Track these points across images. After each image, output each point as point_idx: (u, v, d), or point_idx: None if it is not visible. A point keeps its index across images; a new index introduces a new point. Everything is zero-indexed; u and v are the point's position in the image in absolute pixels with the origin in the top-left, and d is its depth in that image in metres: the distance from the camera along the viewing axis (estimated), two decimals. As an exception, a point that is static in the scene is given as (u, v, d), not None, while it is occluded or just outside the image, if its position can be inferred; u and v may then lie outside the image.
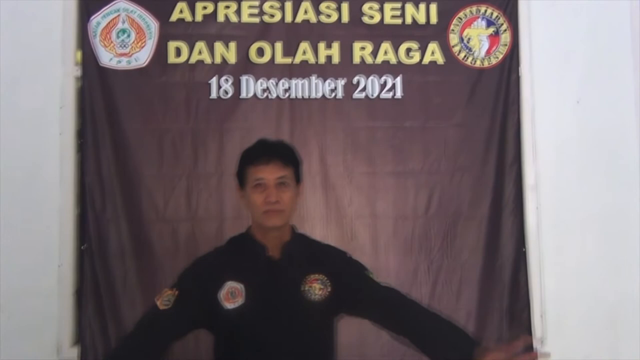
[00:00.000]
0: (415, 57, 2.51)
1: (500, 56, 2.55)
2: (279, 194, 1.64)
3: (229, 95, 2.42)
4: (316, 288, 1.67)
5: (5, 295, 2.31)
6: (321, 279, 1.68)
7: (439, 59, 2.51)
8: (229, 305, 1.60)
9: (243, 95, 2.42)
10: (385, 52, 2.50)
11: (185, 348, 2.24)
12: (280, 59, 2.46)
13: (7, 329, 2.30)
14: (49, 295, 2.32)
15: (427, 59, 2.51)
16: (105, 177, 2.34)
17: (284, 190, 1.65)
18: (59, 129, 2.37)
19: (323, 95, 2.45)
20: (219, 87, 2.43)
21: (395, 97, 2.48)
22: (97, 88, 2.38)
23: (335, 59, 2.48)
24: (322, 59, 2.47)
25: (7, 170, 2.34)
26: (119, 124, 2.37)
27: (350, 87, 2.47)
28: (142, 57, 2.42)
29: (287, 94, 2.44)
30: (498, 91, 2.51)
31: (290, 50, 2.47)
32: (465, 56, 2.53)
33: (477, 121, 2.48)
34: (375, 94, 2.47)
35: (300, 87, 2.46)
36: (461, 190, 2.45)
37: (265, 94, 2.43)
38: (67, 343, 2.33)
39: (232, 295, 1.62)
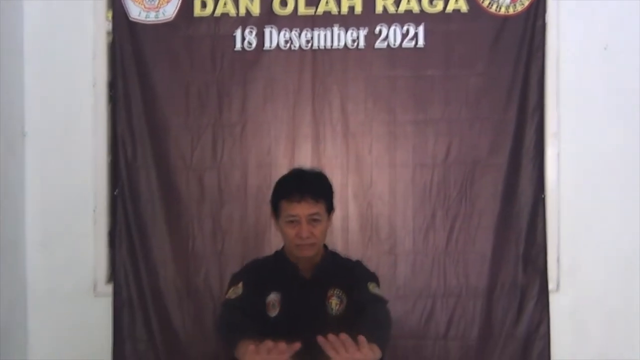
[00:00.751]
0: (439, 6, 2.48)
1: (527, 3, 2.50)
2: (310, 230, 1.77)
3: (253, 46, 2.47)
4: (333, 303, 1.82)
5: (46, 237, 2.49)
6: (337, 294, 1.82)
7: (463, 7, 2.49)
8: (271, 314, 1.78)
9: (266, 46, 2.46)
10: (408, 1, 2.48)
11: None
12: (303, 9, 2.48)
13: (48, 268, 2.49)
14: (85, 236, 2.49)
15: (451, 7, 2.48)
16: (135, 126, 2.45)
17: (315, 226, 1.79)
18: (92, 81, 2.48)
19: (345, 45, 2.47)
20: (243, 39, 2.48)
21: (418, 46, 2.47)
22: (127, 41, 2.46)
23: (358, 9, 2.48)
24: (344, 9, 2.48)
25: (44, 121, 2.48)
26: (148, 76, 2.45)
27: (372, 37, 2.48)
28: (169, 10, 2.48)
29: (309, 45, 2.47)
30: (522, 38, 2.47)
31: (312, 1, 2.48)
32: (489, 4, 2.49)
33: (500, 69, 2.46)
34: (397, 43, 2.47)
35: (322, 38, 2.48)
36: (481, 137, 2.46)
37: (288, 45, 2.47)
38: (102, 280, 2.50)
39: (272, 305, 1.81)
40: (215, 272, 2.45)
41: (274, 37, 2.48)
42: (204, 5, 2.49)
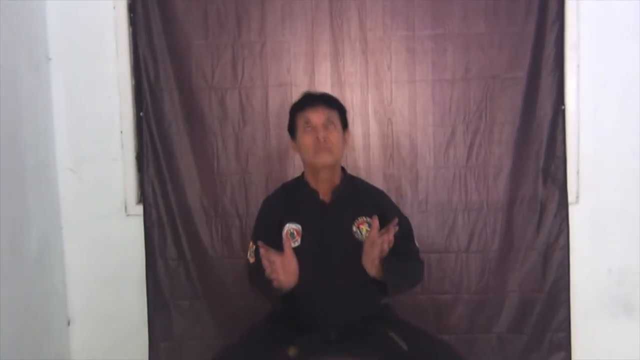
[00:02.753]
0: None
1: None
2: (326, 134, 1.83)
3: (270, -36, 2.46)
4: (364, 230, 1.85)
5: (76, 161, 2.56)
6: (369, 221, 1.83)
7: None
8: (292, 244, 1.77)
9: (284, -36, 2.45)
10: None
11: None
12: None
13: (79, 190, 2.56)
14: (114, 158, 2.55)
15: None
16: (156, 48, 2.47)
17: (331, 130, 1.85)
18: (112, 3, 2.50)
19: (362, -39, 2.45)
20: (261, -45, 2.46)
21: (435, -40, 2.45)
22: (145, -37, 2.47)
23: None
24: None
25: (67, 46, 2.51)
26: (166, -4, 2.47)
27: (389, -48, 2.45)
28: None
29: (326, -38, 2.45)
30: (542, -50, 2.44)
31: None
32: None
33: (519, -20, 2.44)
34: (415, -42, 2.45)
35: (340, -46, 2.45)
36: (500, 51, 2.45)
37: (306, -37, 2.45)
38: (133, 201, 2.57)
39: (291, 235, 1.84)
40: (241, 190, 2.51)
41: (292, -46, 2.45)
42: None
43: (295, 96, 2.44)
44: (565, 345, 2.53)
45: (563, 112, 2.47)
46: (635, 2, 2.46)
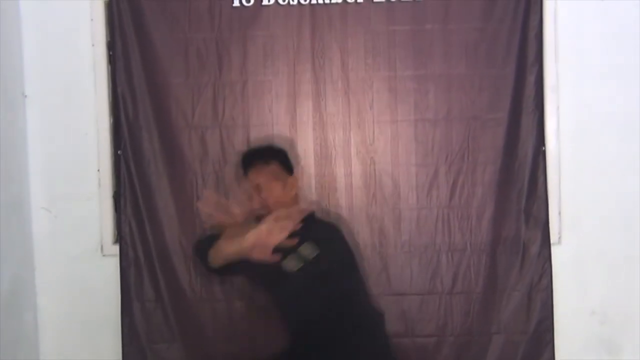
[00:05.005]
0: (436, -41, 2.48)
1: (524, -43, 2.49)
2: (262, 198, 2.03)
3: (251, 2, 2.45)
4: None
5: (51, 199, 2.50)
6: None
7: (460, -40, 2.48)
8: None
9: (265, 2, 2.45)
10: (405, -46, 2.47)
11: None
12: (299, -37, 2.47)
13: (54, 230, 2.50)
14: (90, 198, 2.49)
15: (448, -40, 2.48)
16: (136, 86, 2.44)
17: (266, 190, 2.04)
18: (91, 41, 2.47)
19: (344, 0, 2.46)
20: (241, -6, 2.46)
21: (416, -1, 2.47)
22: (124, 0, 2.45)
23: (355, -38, 2.47)
24: (341, -37, 2.46)
25: (44, 83, 2.47)
26: (146, 34, 2.43)
27: (369, -10, 2.47)
28: (166, -32, 2.46)
29: (307, 0, 2.46)
30: (520, -8, 2.48)
31: (310, -45, 2.47)
32: (487, -42, 2.48)
33: (498, 23, 2.45)
34: (395, -3, 2.46)
35: (320, -8, 2.46)
36: (481, 92, 2.46)
37: (287, 0, 2.46)
38: (109, 241, 2.51)
39: None
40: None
41: (272, -9, 2.46)
42: (200, -39, 2.46)
43: (277, 135, 2.48)
44: (550, 387, 2.50)
45: (544, 153, 2.48)
46: (612, 43, 2.50)
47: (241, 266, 1.94)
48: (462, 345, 2.48)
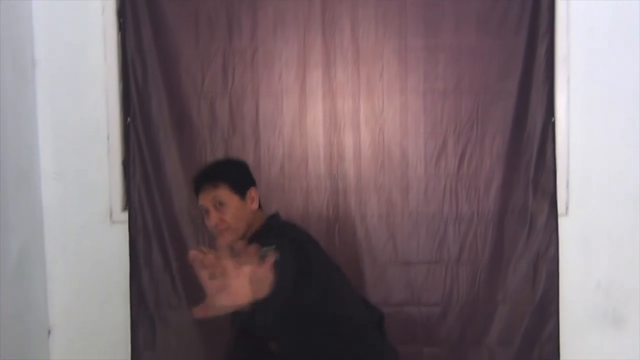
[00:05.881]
0: None
1: None
2: (218, 216, 1.81)
3: (262, -31, 2.44)
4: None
5: (60, 167, 2.50)
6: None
7: None
8: None
9: (276, -31, 2.43)
10: None
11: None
12: None
13: (63, 197, 2.51)
14: (100, 165, 2.50)
15: None
16: (145, 53, 2.44)
17: (222, 211, 1.82)
18: (101, 8, 2.46)
19: (354, -31, 2.44)
20: (252, -39, 2.44)
21: (427, -32, 2.45)
22: (134, -33, 2.44)
23: None
24: None
25: (54, 50, 2.47)
26: (156, 2, 2.42)
27: (381, -40, 2.45)
28: None
29: (318, -32, 2.44)
30: (533, -38, 2.46)
31: None
32: None
33: (510, -7, 2.45)
34: (407, -34, 2.44)
35: (331, -40, 2.44)
36: (492, 63, 2.45)
37: (297, -32, 2.44)
38: (118, 208, 2.52)
39: None
40: (229, 198, 2.47)
41: (283, -40, 2.44)
42: None
43: (286, 105, 2.46)
44: (554, 357, 2.52)
45: (553, 124, 2.47)
46: (625, 15, 2.49)
47: None
48: (467, 314, 2.51)
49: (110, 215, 2.51)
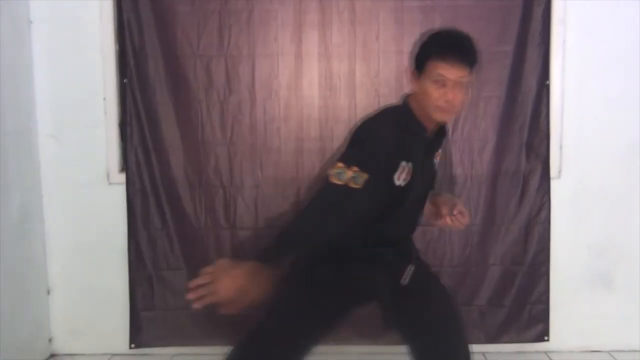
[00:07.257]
0: None
1: None
2: (455, 94, 1.66)
3: None
4: (437, 160, 1.88)
5: (57, 127, 2.51)
6: (440, 152, 1.88)
7: None
8: (400, 182, 1.68)
9: None
10: None
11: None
12: None
13: (60, 158, 2.53)
14: (97, 126, 2.51)
15: None
16: (142, 13, 2.42)
17: (460, 91, 1.67)
18: (96, -33, 2.45)
19: None
20: None
21: None
22: None
23: None
24: None
25: (51, 9, 2.45)
26: (152, -40, 2.42)
27: None
28: None
29: None
30: None
31: None
32: None
33: (507, -46, 2.44)
34: None
35: None
36: (488, 25, 2.45)
37: None
38: (115, 169, 2.54)
39: (403, 173, 1.70)
40: (225, 160, 2.49)
41: None
42: None
43: (282, 66, 2.45)
44: (544, 317, 2.58)
45: (547, 87, 2.48)
46: (621, -21, 2.48)
47: None
48: (459, 275, 2.56)
49: (108, 176, 2.53)
